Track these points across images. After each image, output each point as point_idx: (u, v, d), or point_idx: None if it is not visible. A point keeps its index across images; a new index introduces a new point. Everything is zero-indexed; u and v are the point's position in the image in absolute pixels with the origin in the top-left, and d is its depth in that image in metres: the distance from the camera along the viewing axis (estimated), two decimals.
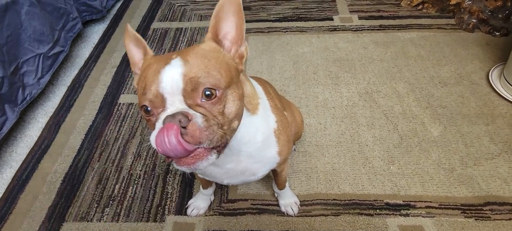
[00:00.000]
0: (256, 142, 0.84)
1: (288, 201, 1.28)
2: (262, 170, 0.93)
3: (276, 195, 1.32)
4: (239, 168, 0.88)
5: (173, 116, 0.60)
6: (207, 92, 0.64)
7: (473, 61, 1.86)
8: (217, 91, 0.65)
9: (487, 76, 1.75)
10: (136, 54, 0.80)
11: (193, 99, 0.64)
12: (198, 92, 0.63)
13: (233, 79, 0.69)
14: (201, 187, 1.26)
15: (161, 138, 0.59)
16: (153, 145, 0.62)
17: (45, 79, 1.73)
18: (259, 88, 0.90)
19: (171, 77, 0.63)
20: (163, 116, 0.62)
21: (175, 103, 0.63)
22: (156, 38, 2.20)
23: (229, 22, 0.71)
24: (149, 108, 0.66)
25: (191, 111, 0.62)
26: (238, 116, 0.71)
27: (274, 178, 1.21)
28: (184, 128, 0.60)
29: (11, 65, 1.53)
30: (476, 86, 1.72)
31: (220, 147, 0.66)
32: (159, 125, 0.63)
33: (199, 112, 0.63)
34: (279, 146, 0.90)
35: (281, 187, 1.23)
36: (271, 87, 1.11)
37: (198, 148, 0.63)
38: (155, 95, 0.64)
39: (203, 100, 0.64)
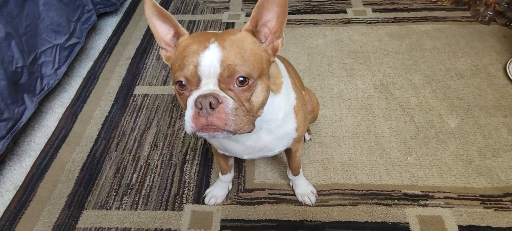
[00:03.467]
0: (277, 119, 0.88)
1: (305, 190, 1.29)
2: (280, 145, 0.98)
3: (291, 184, 1.32)
4: (259, 145, 0.93)
5: (204, 96, 0.66)
6: (241, 79, 0.68)
7: (489, 53, 1.84)
8: (249, 80, 0.69)
9: (505, 68, 1.73)
10: (160, 28, 0.80)
11: (227, 84, 0.68)
12: (233, 78, 0.68)
13: (263, 71, 0.73)
14: (220, 174, 1.26)
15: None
16: (187, 125, 0.69)
17: (62, 70, 1.75)
18: (282, 66, 0.93)
19: (210, 61, 0.67)
20: (195, 94, 0.67)
21: (208, 84, 0.68)
22: None
23: (272, 12, 0.73)
24: (183, 83, 0.70)
25: (222, 94, 0.67)
26: (263, 105, 0.76)
27: (288, 162, 1.22)
28: (213, 109, 0.66)
29: (30, 55, 1.55)
30: (493, 79, 1.70)
31: (244, 132, 0.72)
32: (190, 101, 0.68)
33: (230, 96, 0.68)
34: (297, 122, 0.94)
35: (296, 172, 1.24)
36: (290, 66, 1.15)
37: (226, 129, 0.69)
38: (193, 75, 0.68)
39: (235, 86, 0.69)
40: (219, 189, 1.30)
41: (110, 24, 2.30)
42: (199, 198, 1.33)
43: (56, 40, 1.71)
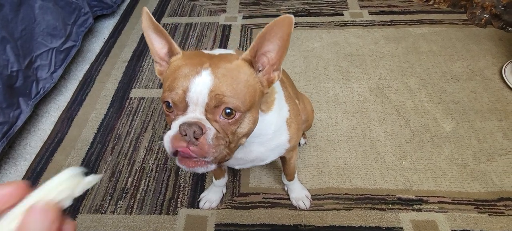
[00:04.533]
0: (267, 134, 0.87)
1: (299, 194, 1.29)
2: (272, 156, 0.97)
3: (285, 188, 1.32)
4: (250, 157, 0.92)
5: (189, 124, 0.65)
6: (228, 111, 0.67)
7: (485, 56, 1.84)
8: (236, 113, 0.68)
9: (500, 71, 1.73)
10: (156, 42, 0.78)
11: (213, 114, 0.67)
12: (219, 109, 0.67)
13: (254, 104, 0.72)
14: (213, 178, 1.27)
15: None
16: (166, 145, 0.68)
17: (58, 73, 1.75)
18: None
19: (200, 89, 0.66)
20: (180, 120, 0.67)
21: (195, 112, 0.67)
22: None
23: (273, 44, 0.69)
24: (170, 105, 0.69)
25: (207, 125, 0.67)
26: (248, 135, 0.75)
27: (282, 167, 1.22)
28: (196, 139, 0.65)
29: (26, 59, 1.55)
30: (489, 82, 1.70)
31: (222, 160, 0.72)
32: (175, 126, 0.67)
33: (214, 128, 0.67)
34: (289, 134, 0.93)
35: (290, 178, 1.24)
36: (284, 74, 1.13)
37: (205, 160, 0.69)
38: (180, 100, 0.67)
39: (221, 117, 0.68)
40: (213, 193, 1.30)
41: (107, 27, 2.30)
42: (193, 202, 1.33)
43: (52, 44, 1.71)
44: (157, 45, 0.78)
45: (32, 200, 0.33)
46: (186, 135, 0.65)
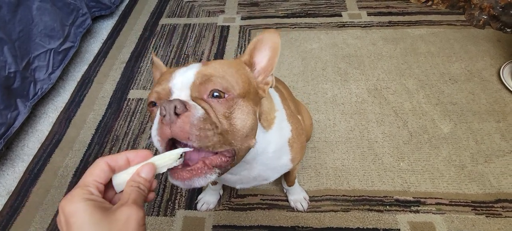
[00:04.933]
0: (268, 152, 0.82)
1: (297, 197, 1.29)
2: (275, 175, 0.93)
3: (284, 191, 1.32)
4: (252, 175, 0.87)
5: (170, 101, 0.56)
6: (215, 93, 0.60)
7: (484, 58, 1.84)
8: (226, 95, 0.61)
9: (498, 73, 1.73)
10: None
11: (200, 93, 0.60)
12: (206, 88, 0.60)
13: (249, 94, 0.66)
14: (209, 183, 1.26)
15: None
16: (154, 139, 0.60)
17: (56, 74, 1.74)
18: (276, 99, 0.88)
19: (185, 74, 0.63)
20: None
21: (180, 97, 0.60)
22: (164, 34, 2.20)
23: (263, 54, 0.72)
24: (155, 103, 0.64)
25: (191, 102, 0.58)
26: (252, 132, 0.66)
27: (284, 176, 1.21)
28: (177, 115, 0.55)
29: (23, 60, 1.55)
30: (487, 83, 1.70)
31: (223, 165, 0.61)
32: (157, 113, 0.59)
33: (202, 107, 0.58)
34: (292, 154, 0.89)
35: (291, 184, 1.24)
36: (285, 88, 1.10)
37: (197, 163, 0.59)
38: (163, 88, 0.62)
39: (209, 98, 0.61)
40: (211, 195, 1.30)
41: (105, 28, 2.30)
42: (191, 204, 1.33)
43: (50, 45, 1.71)
44: None
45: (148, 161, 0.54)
46: (165, 114, 0.55)
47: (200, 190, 1.36)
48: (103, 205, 0.47)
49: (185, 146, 0.58)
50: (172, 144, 0.59)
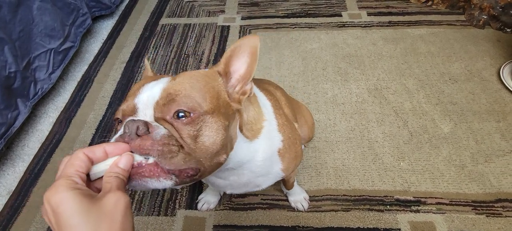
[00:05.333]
0: (256, 161, 0.80)
1: (298, 197, 1.29)
2: (267, 182, 0.91)
3: (284, 190, 1.32)
4: (242, 181, 0.85)
5: (133, 121, 0.55)
6: (180, 114, 0.58)
7: (483, 57, 1.84)
8: (191, 114, 0.58)
9: (498, 73, 1.73)
10: None
11: (163, 114, 0.58)
12: (170, 109, 0.58)
13: (219, 108, 0.63)
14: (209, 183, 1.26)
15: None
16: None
17: (56, 74, 1.74)
18: (268, 108, 0.85)
19: (151, 91, 0.60)
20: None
21: (146, 116, 0.59)
22: (164, 34, 2.20)
23: (241, 61, 0.69)
24: (121, 120, 0.62)
25: (154, 124, 0.57)
26: (223, 149, 0.63)
27: (281, 181, 1.20)
28: (139, 136, 0.54)
29: (24, 60, 1.55)
30: (487, 83, 1.70)
31: (182, 177, 0.58)
32: (120, 131, 0.57)
33: (165, 128, 0.57)
34: (284, 164, 0.87)
35: (289, 188, 1.24)
36: (282, 94, 1.07)
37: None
38: (129, 105, 0.60)
39: (173, 118, 0.58)
40: (211, 195, 1.30)
41: (105, 28, 2.30)
42: (191, 204, 1.33)
43: (50, 45, 1.71)
44: None
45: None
46: (129, 133, 0.54)
47: (200, 190, 1.37)
48: (89, 193, 0.48)
49: None
50: None
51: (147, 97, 0.59)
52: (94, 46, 2.16)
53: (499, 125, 1.51)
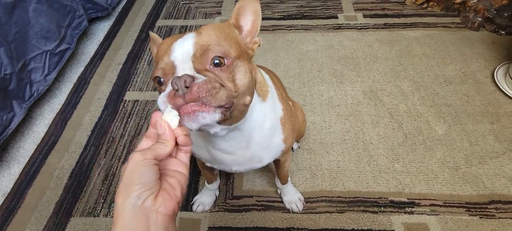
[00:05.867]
0: (264, 128, 0.87)
1: (292, 197, 1.29)
2: (268, 157, 0.97)
3: (279, 191, 1.33)
4: (248, 155, 0.91)
5: (179, 77, 0.60)
6: (216, 61, 0.65)
7: (478, 60, 1.86)
8: (226, 60, 0.66)
9: (492, 75, 1.75)
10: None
11: (202, 64, 0.65)
12: (207, 58, 0.65)
13: (243, 55, 0.71)
14: (206, 182, 1.27)
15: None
16: (161, 105, 0.63)
17: (52, 76, 1.74)
18: (267, 77, 0.93)
19: (183, 46, 0.66)
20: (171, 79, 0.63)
21: (184, 70, 0.64)
22: (161, 36, 2.21)
23: (247, 18, 0.77)
24: (161, 79, 0.67)
25: (197, 75, 0.63)
26: (250, 90, 0.71)
27: (276, 171, 1.22)
28: (187, 87, 0.60)
29: (19, 61, 1.54)
30: (481, 85, 1.71)
31: (226, 109, 0.64)
32: (168, 88, 0.63)
33: (207, 76, 0.64)
34: (284, 134, 0.93)
35: (284, 181, 1.24)
36: (276, 78, 1.15)
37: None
38: (167, 64, 0.66)
39: (211, 67, 0.65)
40: (206, 196, 1.31)
41: (101, 29, 2.30)
42: (187, 205, 1.33)
43: (46, 46, 1.71)
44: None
45: None
46: (177, 88, 0.60)
47: (196, 192, 1.37)
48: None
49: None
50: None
51: (181, 53, 0.65)
52: (90, 48, 2.16)
53: (493, 127, 1.52)
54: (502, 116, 1.56)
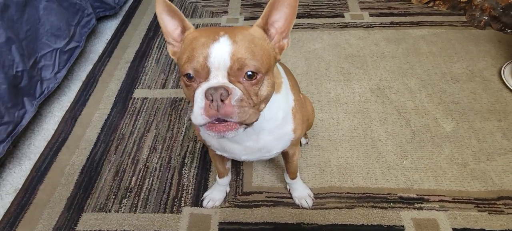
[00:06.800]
0: (277, 119, 0.90)
1: (302, 193, 1.30)
2: (278, 146, 0.99)
3: (288, 187, 1.34)
4: (258, 146, 0.94)
5: (215, 88, 0.67)
6: (249, 73, 0.69)
7: (485, 58, 1.86)
8: (258, 75, 0.71)
9: (499, 73, 1.75)
10: (169, 24, 0.82)
11: (236, 77, 0.70)
12: (243, 72, 0.69)
13: (270, 68, 0.75)
14: (217, 177, 1.28)
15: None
16: (197, 117, 0.70)
17: (62, 73, 1.76)
18: (280, 68, 0.95)
19: (220, 54, 0.68)
20: (205, 86, 0.69)
21: (218, 77, 0.69)
22: None
23: (281, 12, 0.76)
24: (192, 75, 0.71)
25: (231, 86, 0.68)
26: (267, 99, 0.78)
27: (285, 166, 1.23)
28: (222, 101, 0.67)
29: (30, 59, 1.56)
30: (488, 83, 1.72)
31: (248, 124, 0.73)
32: (200, 93, 0.69)
33: (239, 89, 0.70)
34: (295, 123, 0.96)
35: (293, 176, 1.25)
36: (287, 69, 1.17)
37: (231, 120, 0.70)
38: (202, 67, 0.69)
39: (243, 79, 0.70)
40: (217, 192, 1.32)
41: (109, 28, 2.32)
42: (197, 201, 1.34)
43: (56, 44, 1.73)
44: (171, 26, 0.82)
45: None
46: (212, 99, 0.67)
47: (206, 187, 1.38)
48: None
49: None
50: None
51: (218, 61, 0.68)
52: (98, 46, 2.18)
53: (500, 124, 1.53)
54: (510, 113, 1.57)
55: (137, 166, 1.48)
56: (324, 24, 2.20)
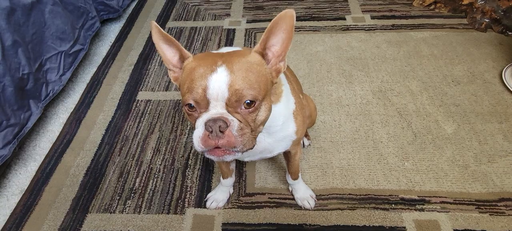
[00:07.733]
0: (277, 125, 0.93)
1: (304, 194, 1.32)
2: (279, 147, 1.02)
3: (290, 189, 1.35)
4: (259, 148, 0.97)
5: (214, 120, 0.71)
6: (247, 101, 0.73)
7: (486, 60, 1.87)
8: (255, 103, 0.74)
9: (500, 75, 1.76)
10: (167, 52, 0.84)
11: (234, 107, 0.73)
12: (240, 103, 0.73)
13: (267, 92, 0.78)
14: (221, 178, 1.30)
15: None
16: (196, 144, 0.75)
17: (67, 76, 1.78)
18: (281, 75, 0.95)
19: (218, 85, 0.71)
20: (205, 117, 0.73)
21: (217, 107, 0.73)
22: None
23: (278, 37, 0.77)
24: (192, 105, 0.75)
25: (229, 118, 0.73)
26: (265, 121, 0.81)
27: (287, 166, 1.25)
28: (222, 132, 0.71)
29: (36, 62, 1.58)
30: (489, 85, 1.73)
31: (246, 149, 0.77)
32: (200, 123, 0.73)
33: (237, 119, 0.73)
34: (296, 125, 0.98)
35: (294, 176, 1.27)
36: (289, 70, 1.19)
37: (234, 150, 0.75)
38: (202, 98, 0.72)
39: (242, 108, 0.74)
40: (220, 193, 1.33)
41: (113, 31, 2.34)
42: (200, 202, 1.36)
43: (61, 47, 1.75)
44: (169, 54, 0.84)
45: None
46: (212, 131, 0.71)
47: (209, 188, 1.39)
48: None
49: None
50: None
51: (216, 93, 0.72)
52: (102, 48, 2.20)
53: (501, 126, 1.54)
54: (511, 115, 1.58)
55: (141, 167, 1.50)
56: (326, 26, 2.22)
